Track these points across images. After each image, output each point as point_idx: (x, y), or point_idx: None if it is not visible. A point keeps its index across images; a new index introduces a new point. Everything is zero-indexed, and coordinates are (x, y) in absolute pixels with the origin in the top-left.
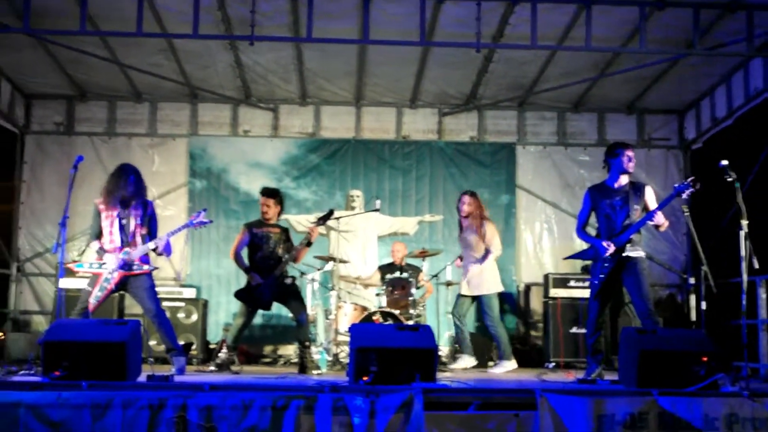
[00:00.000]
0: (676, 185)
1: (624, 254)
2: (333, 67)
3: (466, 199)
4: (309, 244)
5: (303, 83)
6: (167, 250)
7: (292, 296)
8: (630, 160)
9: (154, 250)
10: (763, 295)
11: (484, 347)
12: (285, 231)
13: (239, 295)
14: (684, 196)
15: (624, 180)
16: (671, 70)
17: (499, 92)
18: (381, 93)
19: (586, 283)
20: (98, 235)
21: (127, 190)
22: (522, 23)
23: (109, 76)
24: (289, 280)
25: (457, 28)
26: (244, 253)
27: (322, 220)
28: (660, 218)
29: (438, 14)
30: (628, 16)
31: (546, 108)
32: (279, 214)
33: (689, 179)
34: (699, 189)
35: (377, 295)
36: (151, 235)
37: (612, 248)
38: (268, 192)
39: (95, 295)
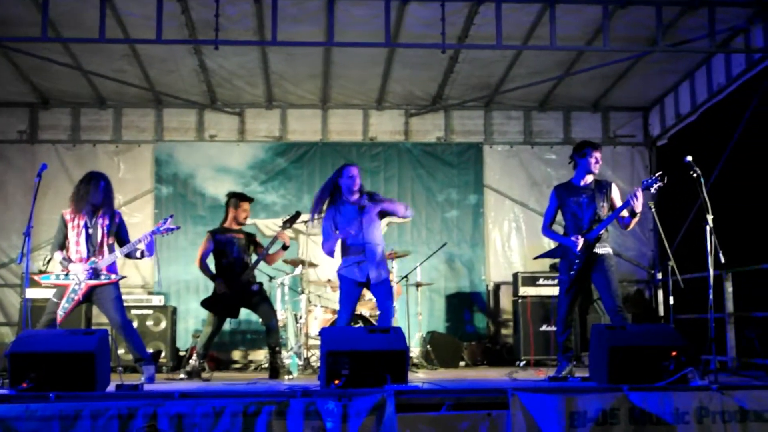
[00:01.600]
0: (644, 180)
1: (593, 251)
2: (299, 70)
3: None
4: (285, 247)
5: (269, 87)
6: (150, 250)
7: (261, 301)
8: (597, 161)
9: (129, 255)
10: (730, 289)
11: (456, 348)
12: (250, 236)
13: (206, 303)
14: (652, 190)
15: (590, 178)
16: (635, 68)
17: (465, 92)
18: (347, 95)
19: (555, 281)
20: (62, 246)
21: (97, 198)
22: (487, 23)
23: (73, 83)
24: (256, 287)
25: (422, 29)
26: (210, 260)
27: (289, 223)
28: (638, 206)
29: (403, 15)
30: (592, 15)
31: (512, 107)
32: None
33: (657, 174)
34: (666, 183)
35: None
36: (121, 245)
37: (581, 242)
38: (248, 198)
39: (63, 307)
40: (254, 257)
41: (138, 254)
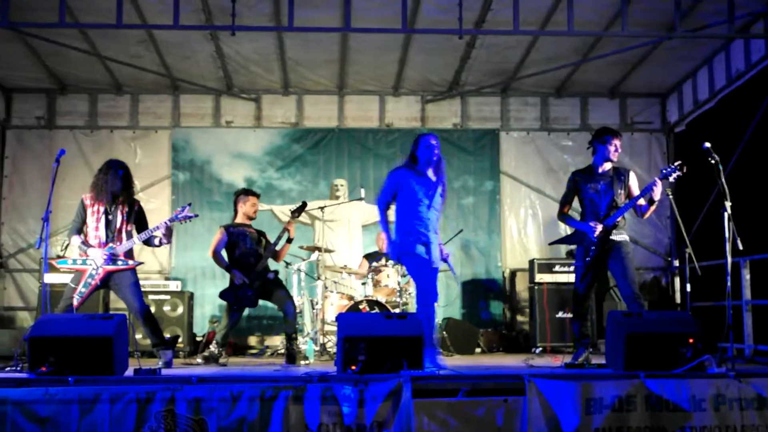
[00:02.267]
0: (663, 169)
1: (609, 238)
2: (315, 56)
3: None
4: (290, 240)
5: (285, 73)
6: (168, 238)
7: (277, 288)
8: (616, 149)
9: (148, 242)
10: (747, 276)
11: (472, 334)
12: (260, 232)
13: (224, 295)
14: (671, 179)
15: (608, 165)
16: (653, 54)
17: (482, 78)
18: (364, 81)
19: (572, 268)
20: (79, 230)
21: (116, 185)
22: (504, 8)
23: (90, 69)
24: (271, 275)
25: (439, 14)
26: (224, 253)
27: (296, 213)
28: (657, 194)
29: (420, 1)
30: (610, 0)
31: (529, 93)
32: None
33: (676, 163)
34: (685, 173)
35: (363, 284)
36: (140, 231)
37: (599, 228)
38: (254, 192)
39: (80, 292)
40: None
41: (156, 242)
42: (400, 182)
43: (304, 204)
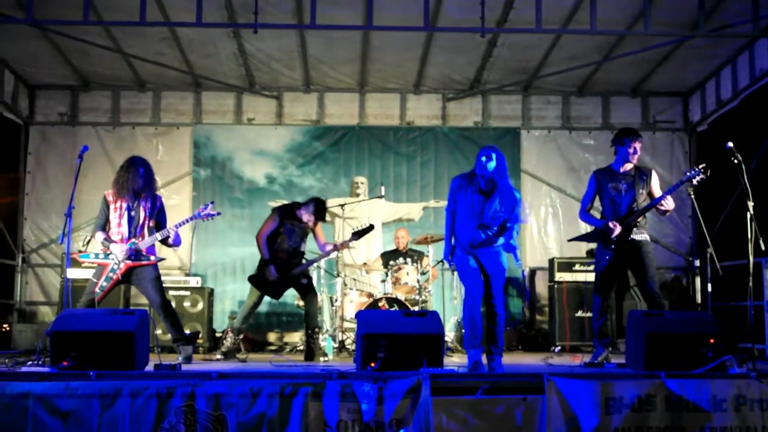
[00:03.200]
0: (687, 171)
1: (629, 237)
2: (337, 54)
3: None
4: (338, 249)
5: (307, 70)
6: (177, 242)
7: (308, 291)
8: (635, 152)
9: (163, 241)
10: None
11: (491, 332)
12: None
13: (253, 279)
14: (694, 182)
15: (629, 165)
16: (676, 52)
17: (503, 77)
18: (385, 79)
19: (591, 267)
20: (104, 226)
21: (137, 182)
22: (526, 7)
23: (113, 66)
24: (305, 280)
25: (461, 12)
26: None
27: (358, 236)
28: (668, 203)
29: None
30: None
31: (550, 92)
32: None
33: (701, 166)
34: (709, 176)
35: (382, 281)
36: (159, 228)
37: (618, 229)
38: (323, 218)
39: (101, 286)
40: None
41: (170, 241)
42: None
43: (371, 227)
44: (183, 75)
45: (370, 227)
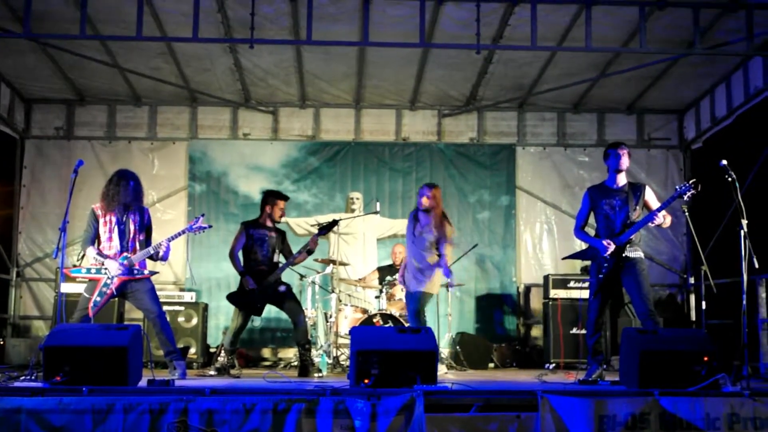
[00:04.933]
0: (678, 187)
1: (623, 255)
2: (333, 70)
3: (431, 192)
4: (310, 252)
5: (303, 86)
6: (165, 256)
7: (288, 299)
8: (619, 157)
9: (151, 257)
10: (763, 295)
11: (485, 349)
12: (282, 234)
13: (231, 298)
14: (686, 197)
15: (622, 180)
16: (671, 70)
17: (499, 93)
18: (381, 95)
19: (586, 284)
20: (93, 240)
21: (127, 196)
22: (522, 24)
23: (109, 80)
24: (283, 288)
25: (457, 29)
26: (241, 256)
27: (325, 230)
28: (660, 218)
29: (438, 16)
30: (628, 16)
31: (546, 109)
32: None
33: (691, 181)
34: (700, 191)
35: (377, 297)
36: (148, 242)
37: (612, 247)
38: (285, 196)
39: (94, 301)
40: (282, 259)
41: (160, 255)
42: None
43: (335, 222)
44: (179, 90)
45: (334, 222)
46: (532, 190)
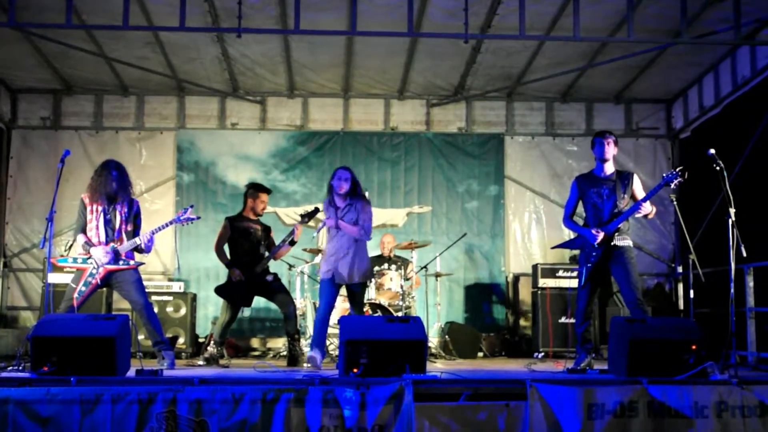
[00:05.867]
0: (665, 175)
1: (612, 243)
2: (321, 59)
3: (348, 174)
4: (293, 243)
5: (291, 75)
6: (149, 248)
7: (277, 290)
8: (603, 145)
9: (136, 248)
10: (751, 283)
11: (474, 338)
12: (267, 228)
13: (219, 290)
14: (672, 185)
15: (610, 169)
16: (659, 59)
17: (487, 83)
18: (369, 84)
19: (575, 273)
20: (83, 229)
21: (111, 186)
22: (510, 13)
23: (96, 70)
24: (270, 277)
25: (445, 18)
26: (227, 248)
27: (307, 218)
28: (647, 208)
29: (426, 5)
30: (616, 6)
31: (534, 98)
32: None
33: (678, 169)
34: (686, 179)
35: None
36: (136, 232)
37: (601, 236)
38: (267, 189)
39: (80, 291)
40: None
41: (141, 246)
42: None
43: (317, 210)
44: (166, 79)
45: (316, 210)
46: (521, 180)
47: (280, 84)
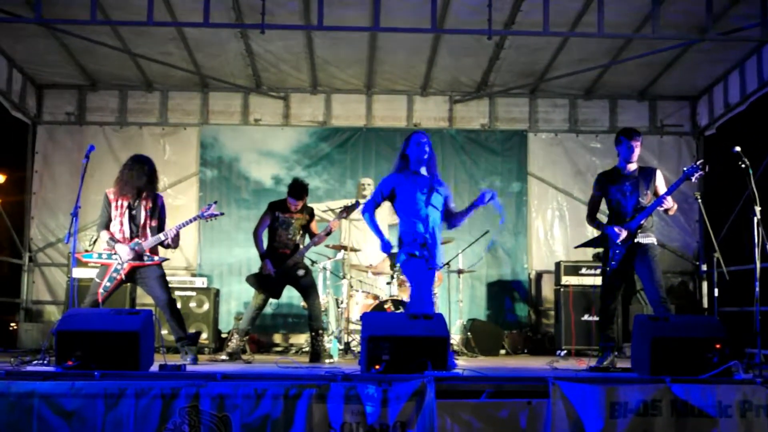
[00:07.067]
0: (686, 168)
1: (635, 240)
2: (344, 55)
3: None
4: (329, 233)
5: (314, 71)
6: (175, 243)
7: (308, 285)
8: (631, 149)
9: (162, 243)
10: None
11: (496, 335)
12: (310, 212)
13: (250, 279)
14: (693, 179)
15: (633, 165)
16: (684, 56)
17: (510, 79)
18: (392, 81)
19: (598, 271)
20: (107, 225)
21: (141, 181)
22: (534, 9)
23: (120, 66)
24: (302, 272)
25: (468, 15)
26: (265, 235)
27: (345, 213)
28: (669, 202)
29: (449, 1)
30: (641, 2)
31: (558, 95)
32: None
33: (698, 162)
34: (708, 171)
35: (388, 283)
36: (160, 227)
37: (624, 234)
38: (300, 195)
39: (104, 286)
40: (306, 239)
41: (167, 242)
42: (395, 185)
43: (357, 204)
44: (190, 75)
45: (357, 203)
46: (544, 177)
47: (303, 80)
